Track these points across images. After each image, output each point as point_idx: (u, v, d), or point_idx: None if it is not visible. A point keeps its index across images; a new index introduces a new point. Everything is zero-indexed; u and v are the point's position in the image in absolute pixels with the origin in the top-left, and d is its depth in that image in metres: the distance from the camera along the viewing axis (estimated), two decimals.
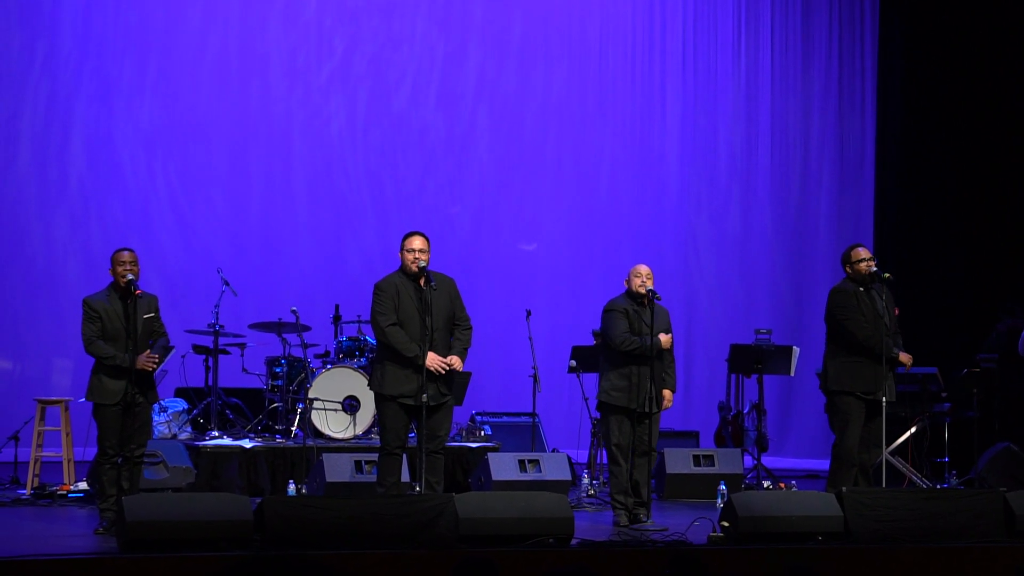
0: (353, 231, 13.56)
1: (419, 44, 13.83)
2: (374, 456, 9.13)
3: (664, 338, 8.87)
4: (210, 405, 11.13)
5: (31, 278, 12.67)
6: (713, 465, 10.71)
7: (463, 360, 8.54)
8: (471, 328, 8.66)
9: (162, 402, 10.67)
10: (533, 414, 11.26)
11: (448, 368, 8.41)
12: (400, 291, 8.45)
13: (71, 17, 12.87)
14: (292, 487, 9.78)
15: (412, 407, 8.41)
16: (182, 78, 13.16)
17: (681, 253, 14.32)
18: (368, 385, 8.91)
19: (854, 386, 9.00)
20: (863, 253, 9.19)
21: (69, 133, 12.86)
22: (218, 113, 13.28)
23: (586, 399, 10.45)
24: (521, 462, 10.18)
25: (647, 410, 8.85)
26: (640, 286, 8.93)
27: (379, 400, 8.56)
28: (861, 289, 9.10)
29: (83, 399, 8.55)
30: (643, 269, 9.02)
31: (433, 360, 8.35)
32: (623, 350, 8.87)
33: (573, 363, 10.99)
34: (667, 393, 8.98)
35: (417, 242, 8.48)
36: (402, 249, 8.52)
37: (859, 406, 9.00)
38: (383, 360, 8.50)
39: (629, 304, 8.98)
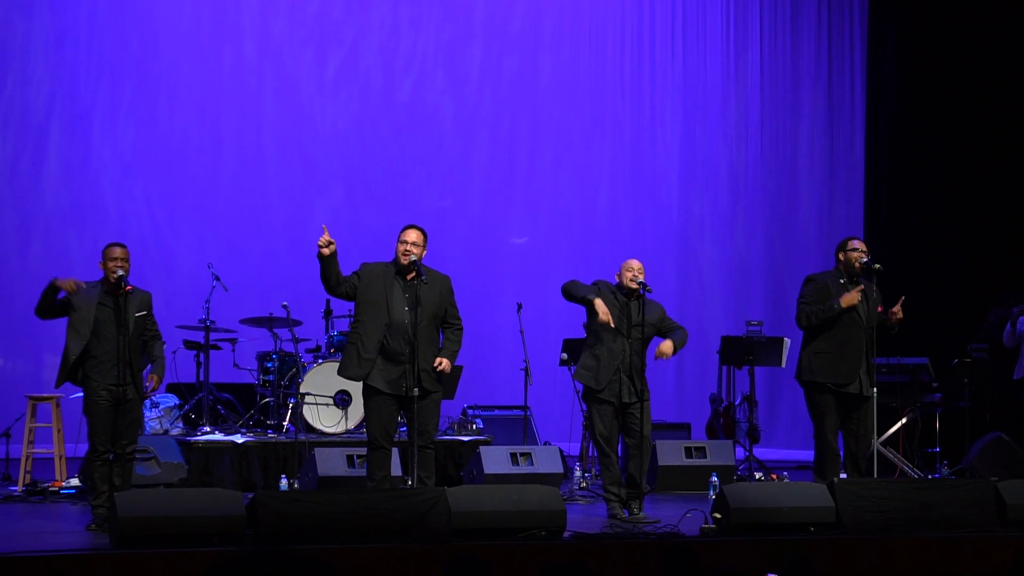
0: (345, 226, 13.52)
1: (415, 42, 13.82)
2: (366, 450, 9.12)
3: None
4: (201, 400, 11.12)
5: (21, 274, 12.64)
6: (705, 457, 10.70)
7: (452, 362, 8.48)
8: (462, 329, 8.58)
9: (153, 398, 10.65)
10: (525, 407, 11.26)
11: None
12: (376, 278, 8.41)
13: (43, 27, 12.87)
14: (284, 482, 9.78)
15: (398, 399, 8.38)
16: (168, 80, 13.13)
17: (672, 245, 14.33)
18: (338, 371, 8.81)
19: (825, 377, 8.96)
20: (857, 244, 9.12)
21: (53, 132, 12.84)
22: (211, 110, 13.25)
23: (578, 392, 10.44)
24: (513, 455, 10.17)
25: (623, 400, 8.81)
26: (631, 280, 8.89)
27: (364, 393, 8.54)
28: (842, 280, 9.07)
29: (76, 395, 8.53)
30: (635, 264, 8.98)
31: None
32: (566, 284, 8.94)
33: (564, 356, 10.98)
34: (667, 345, 8.87)
35: (411, 235, 8.45)
36: (398, 240, 8.51)
37: (830, 397, 8.96)
38: (350, 341, 8.51)
39: (618, 295, 8.96)
